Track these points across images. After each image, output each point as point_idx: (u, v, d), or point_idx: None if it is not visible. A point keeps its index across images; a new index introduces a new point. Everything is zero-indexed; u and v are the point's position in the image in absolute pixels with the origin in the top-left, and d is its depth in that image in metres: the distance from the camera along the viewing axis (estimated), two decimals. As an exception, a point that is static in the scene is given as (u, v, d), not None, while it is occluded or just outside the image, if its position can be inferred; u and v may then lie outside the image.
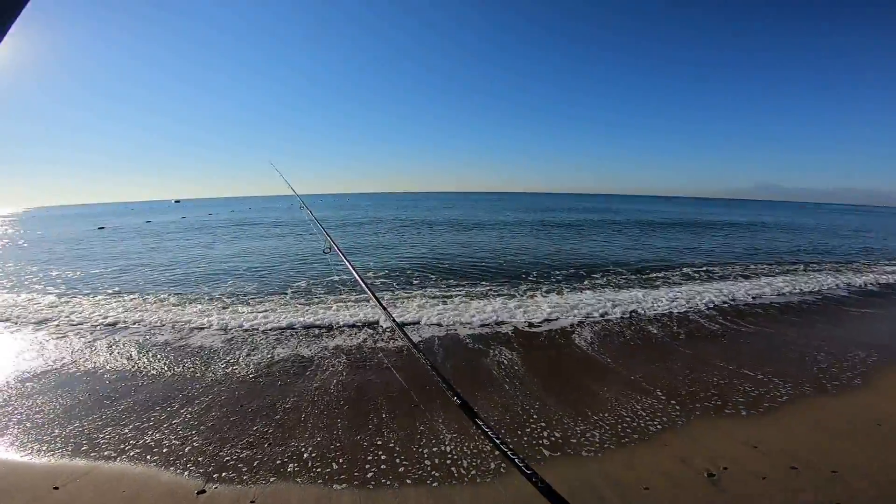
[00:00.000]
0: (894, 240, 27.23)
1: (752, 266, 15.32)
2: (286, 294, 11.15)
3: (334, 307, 9.66)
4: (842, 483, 3.71)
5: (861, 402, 5.30)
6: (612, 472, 3.94)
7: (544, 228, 30.86)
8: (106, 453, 4.41)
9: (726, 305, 9.96)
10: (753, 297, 10.60)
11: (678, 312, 9.29)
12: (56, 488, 3.82)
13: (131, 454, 4.37)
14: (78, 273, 14.96)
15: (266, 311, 9.50)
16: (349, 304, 9.86)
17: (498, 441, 1.32)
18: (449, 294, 11.01)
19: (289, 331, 8.24)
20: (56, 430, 4.82)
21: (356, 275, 3.00)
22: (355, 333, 7.93)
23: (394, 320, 2.24)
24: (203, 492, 3.74)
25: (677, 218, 45.48)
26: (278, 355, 6.99)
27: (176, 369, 6.53)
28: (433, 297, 10.64)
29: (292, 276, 13.60)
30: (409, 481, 3.90)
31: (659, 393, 5.55)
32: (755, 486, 3.72)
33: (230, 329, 8.38)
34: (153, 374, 6.34)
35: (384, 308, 2.42)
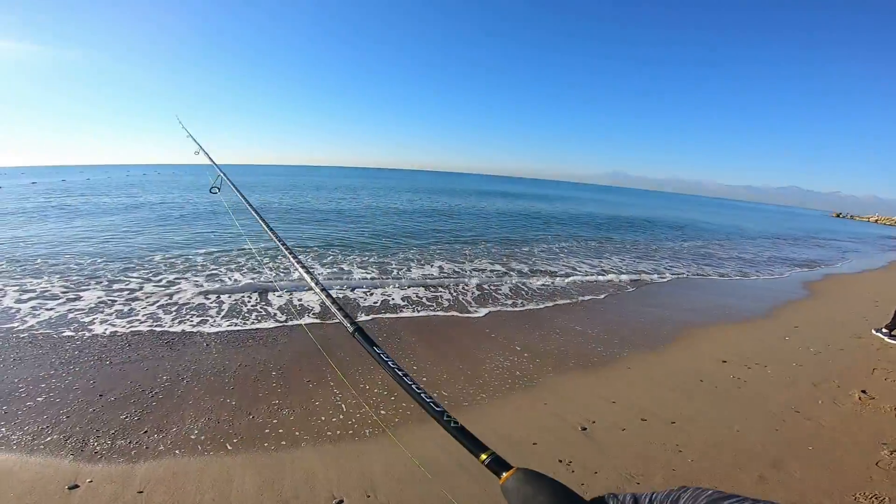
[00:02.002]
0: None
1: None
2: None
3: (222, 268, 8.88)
4: (681, 431, 4.46)
5: (683, 361, 6.38)
6: (503, 430, 4.30)
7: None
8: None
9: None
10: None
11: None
12: None
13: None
14: None
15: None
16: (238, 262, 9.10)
17: (401, 373, 1.28)
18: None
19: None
20: None
21: (250, 207, 2.88)
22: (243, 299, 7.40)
23: (287, 247, 2.15)
24: (76, 486, 3.22)
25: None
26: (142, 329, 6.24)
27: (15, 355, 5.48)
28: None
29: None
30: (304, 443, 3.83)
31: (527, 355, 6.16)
32: (618, 437, 4.30)
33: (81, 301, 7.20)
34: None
35: (276, 237, 2.27)
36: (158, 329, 6.55)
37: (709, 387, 5.53)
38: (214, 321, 6.94)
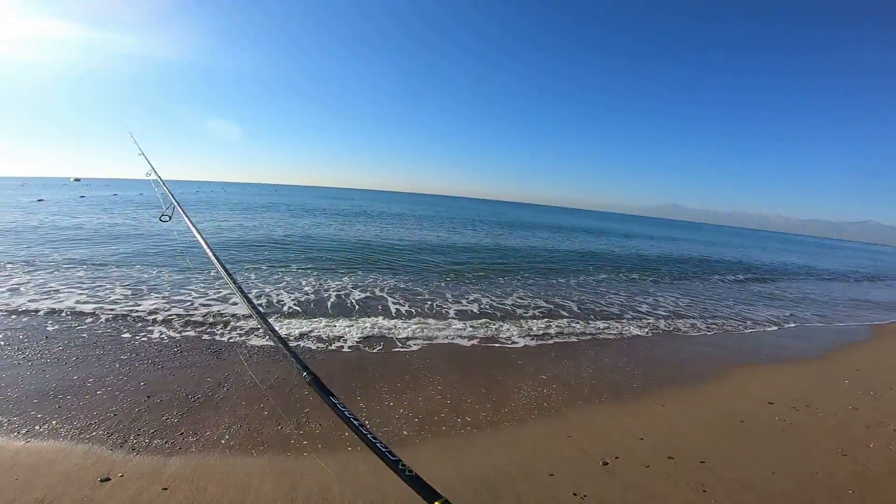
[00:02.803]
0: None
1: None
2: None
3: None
4: (709, 471, 4.21)
5: (724, 400, 6.02)
6: (522, 459, 4.21)
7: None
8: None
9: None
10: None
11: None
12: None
13: (24, 441, 3.95)
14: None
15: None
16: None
17: (357, 423, 1.26)
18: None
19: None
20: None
21: (201, 240, 2.75)
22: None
23: (240, 290, 2.09)
24: (107, 479, 3.47)
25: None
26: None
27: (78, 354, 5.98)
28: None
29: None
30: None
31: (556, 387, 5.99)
32: (640, 473, 4.11)
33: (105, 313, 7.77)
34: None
35: (230, 276, 2.22)
36: (207, 338, 6.94)
37: (750, 427, 5.19)
38: (259, 333, 7.24)
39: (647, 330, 9.60)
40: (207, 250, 2.56)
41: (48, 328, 6.86)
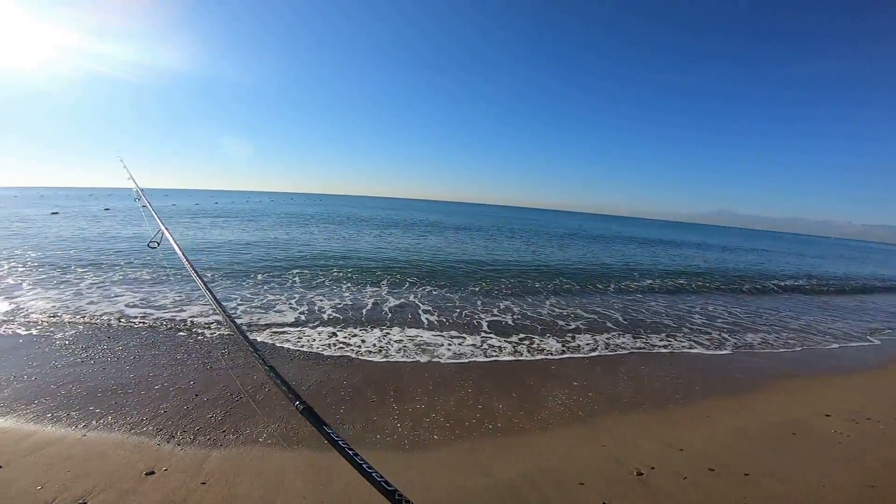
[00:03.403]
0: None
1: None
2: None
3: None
4: (753, 484, 3.98)
5: (775, 413, 5.68)
6: (552, 466, 4.12)
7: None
8: (52, 429, 4.27)
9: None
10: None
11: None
12: (-1, 466, 3.66)
13: (81, 434, 4.23)
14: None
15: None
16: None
17: (351, 452, 1.27)
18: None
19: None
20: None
21: (188, 265, 2.89)
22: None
23: (230, 319, 2.16)
24: (152, 473, 3.66)
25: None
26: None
27: (136, 354, 6.36)
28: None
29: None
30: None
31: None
32: (677, 485, 3.92)
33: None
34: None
35: (218, 304, 2.31)
36: (254, 340, 7.21)
37: (802, 440, 4.88)
38: (299, 341, 7.47)
39: (692, 342, 9.13)
40: (195, 276, 2.66)
41: (110, 329, 7.34)
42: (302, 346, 7.15)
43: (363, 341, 7.63)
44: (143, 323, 7.77)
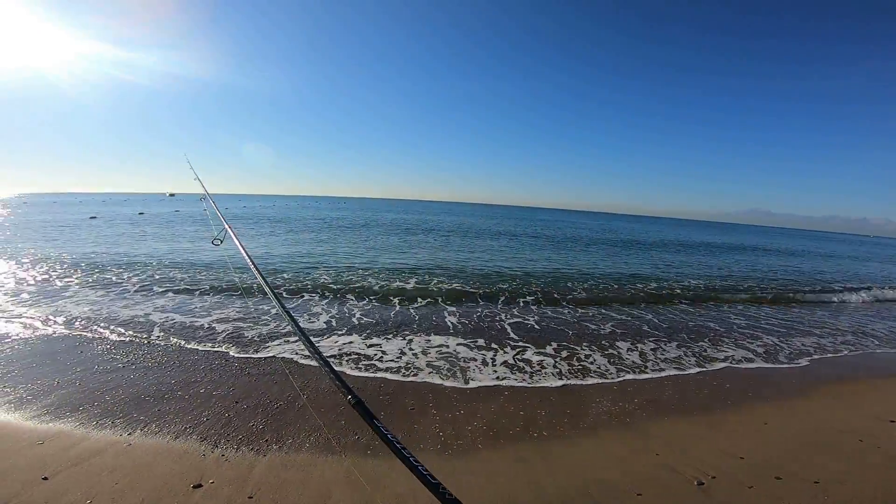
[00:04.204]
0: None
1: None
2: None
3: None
4: (825, 493, 3.70)
5: (836, 418, 5.35)
6: (604, 477, 3.91)
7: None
8: (97, 437, 4.25)
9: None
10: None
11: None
12: (45, 478, 3.60)
13: (126, 444, 4.19)
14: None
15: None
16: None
17: (399, 446, 1.30)
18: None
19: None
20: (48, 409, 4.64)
21: (250, 263, 2.86)
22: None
23: (285, 310, 2.14)
24: (199, 486, 3.57)
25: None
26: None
27: (177, 360, 6.36)
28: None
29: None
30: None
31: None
32: (743, 495, 3.68)
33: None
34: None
35: (277, 299, 2.30)
36: (289, 347, 7.14)
37: (869, 447, 4.56)
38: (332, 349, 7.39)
39: (740, 348, 8.65)
40: (257, 274, 2.65)
41: (151, 335, 7.37)
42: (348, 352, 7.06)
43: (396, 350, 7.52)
44: (183, 331, 7.78)
